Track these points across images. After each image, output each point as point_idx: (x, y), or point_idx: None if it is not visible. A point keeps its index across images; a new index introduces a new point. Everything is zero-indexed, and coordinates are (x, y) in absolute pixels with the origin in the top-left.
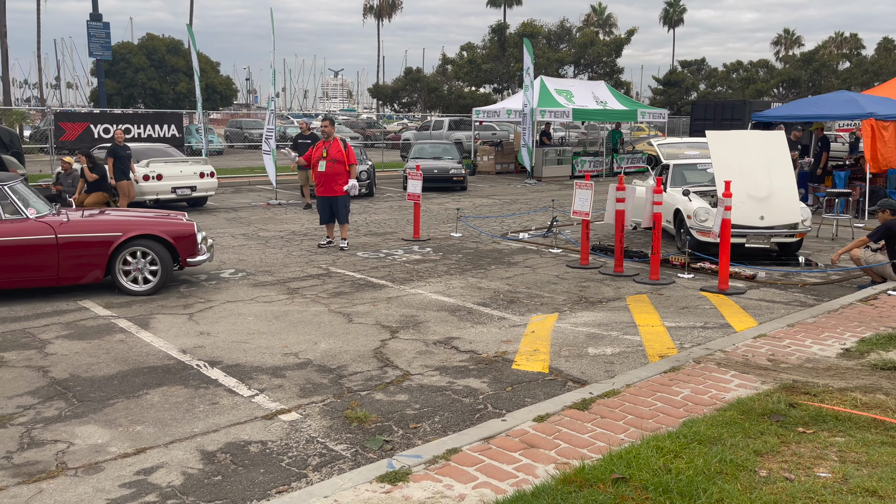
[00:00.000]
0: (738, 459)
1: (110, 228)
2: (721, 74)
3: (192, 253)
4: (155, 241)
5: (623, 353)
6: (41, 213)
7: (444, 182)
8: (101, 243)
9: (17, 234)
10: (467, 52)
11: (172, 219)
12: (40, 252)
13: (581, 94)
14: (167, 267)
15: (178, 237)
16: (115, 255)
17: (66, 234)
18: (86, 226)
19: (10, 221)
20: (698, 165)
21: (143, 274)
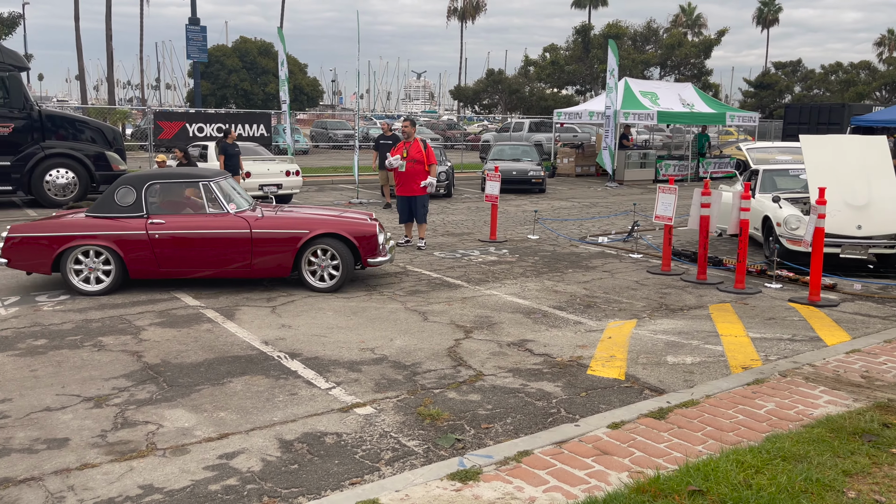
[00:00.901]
0: (824, 479)
1: (298, 225)
2: (818, 76)
3: (374, 253)
4: (338, 240)
5: (704, 362)
6: (241, 208)
7: (522, 184)
8: (290, 240)
9: (218, 228)
10: (550, 54)
11: (357, 218)
12: (237, 245)
13: (667, 97)
14: (348, 266)
15: (361, 237)
16: (301, 252)
17: (260, 230)
18: (277, 222)
19: (213, 215)
20: (790, 171)
21: (327, 271)
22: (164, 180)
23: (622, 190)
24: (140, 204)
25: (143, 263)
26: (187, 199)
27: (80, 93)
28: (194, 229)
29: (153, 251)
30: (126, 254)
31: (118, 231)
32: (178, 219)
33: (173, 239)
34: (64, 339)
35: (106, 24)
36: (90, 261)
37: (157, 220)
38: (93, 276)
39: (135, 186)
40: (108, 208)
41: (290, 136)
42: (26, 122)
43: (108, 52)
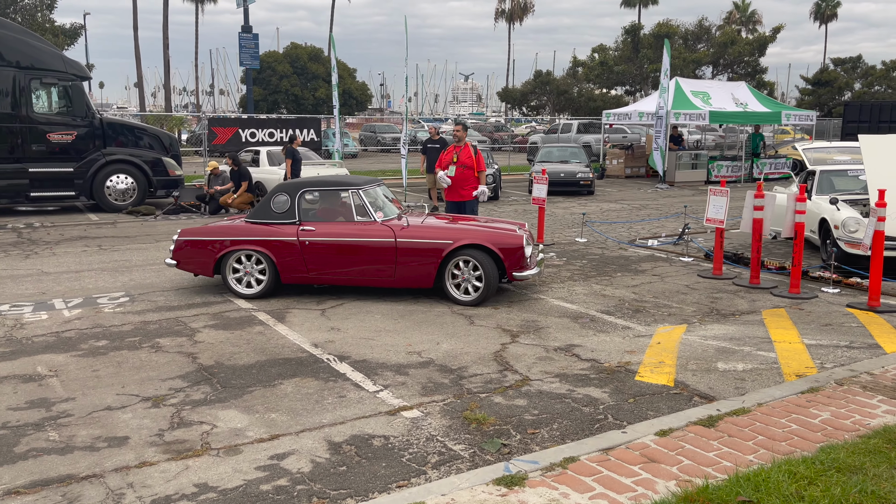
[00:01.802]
0: (881, 491)
1: (442, 236)
2: (880, 73)
3: (520, 266)
4: (482, 252)
5: (756, 369)
6: (388, 216)
7: (570, 186)
8: (433, 250)
9: (364, 236)
10: (599, 54)
11: (504, 229)
12: (381, 254)
13: (719, 96)
14: (491, 279)
15: (506, 249)
16: (444, 263)
17: (404, 239)
18: (421, 232)
19: (360, 223)
20: (849, 172)
21: (471, 283)
22: (316, 188)
23: (673, 192)
24: (293, 211)
25: (293, 268)
26: (339, 206)
27: (139, 100)
28: (341, 237)
29: (303, 257)
30: (278, 259)
31: (272, 237)
32: (327, 226)
33: (321, 245)
34: (124, 341)
35: (163, 32)
36: (247, 265)
37: (307, 226)
38: (250, 279)
39: (289, 193)
40: (265, 215)
41: (339, 140)
42: (88, 130)
43: (164, 60)
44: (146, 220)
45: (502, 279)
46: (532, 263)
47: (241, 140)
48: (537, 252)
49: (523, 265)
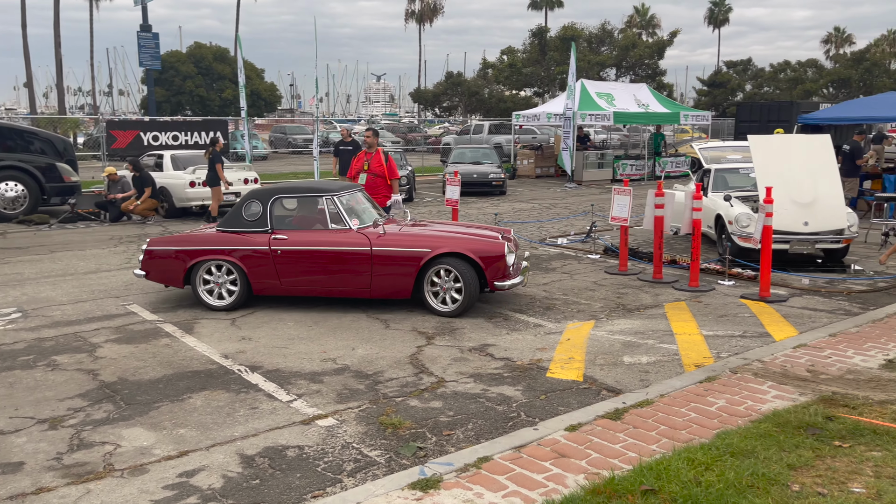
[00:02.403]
0: (770, 473)
1: (420, 244)
2: (768, 75)
3: (502, 276)
4: (461, 260)
5: (659, 361)
6: (364, 224)
7: (483, 187)
8: (411, 258)
9: (338, 244)
10: (507, 56)
11: (485, 236)
12: (356, 263)
13: (622, 97)
14: (471, 289)
15: (486, 257)
16: (423, 273)
17: (380, 247)
18: (398, 240)
19: (334, 231)
20: (741, 170)
21: (450, 294)
22: (290, 194)
23: (581, 190)
24: (265, 219)
25: (265, 279)
26: (313, 214)
27: (29, 101)
28: (314, 245)
29: (275, 267)
30: (249, 269)
31: (242, 246)
32: (300, 234)
33: (294, 254)
34: (16, 360)
35: (54, 30)
36: (217, 275)
37: (280, 235)
38: (220, 290)
39: (261, 201)
40: (236, 223)
41: (248, 143)
42: None
43: (56, 59)
44: (40, 230)
45: (484, 289)
46: (515, 273)
47: (142, 144)
48: (520, 260)
49: (505, 274)
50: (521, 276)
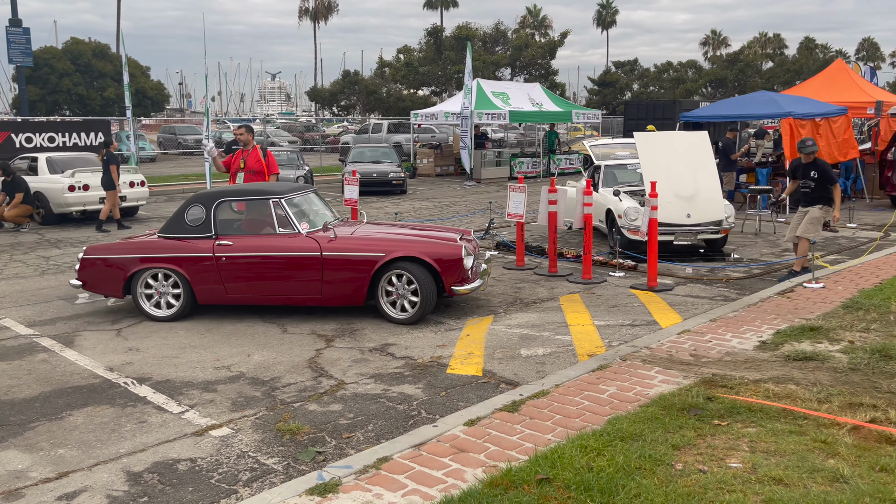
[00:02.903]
0: (656, 454)
1: (374, 247)
2: (653, 75)
3: (459, 280)
4: (417, 264)
5: (554, 353)
6: (314, 227)
7: (383, 186)
8: (363, 263)
9: (286, 249)
10: (404, 55)
11: (442, 238)
12: (306, 269)
13: (517, 97)
14: (427, 294)
15: (442, 260)
16: (377, 278)
17: (331, 252)
18: (350, 244)
19: (282, 235)
20: (628, 166)
21: (406, 299)
22: (235, 197)
23: (480, 188)
24: (209, 224)
25: (210, 287)
26: (260, 217)
27: None
28: (260, 251)
29: (220, 275)
30: (192, 277)
31: (185, 253)
32: (246, 240)
33: (239, 261)
34: None
35: None
36: (159, 284)
37: (224, 241)
38: (163, 300)
39: (204, 205)
40: (178, 229)
41: (134, 144)
42: None
43: None
44: None
45: (442, 293)
46: (473, 276)
47: (14, 146)
48: (480, 263)
49: (463, 278)
50: (481, 279)
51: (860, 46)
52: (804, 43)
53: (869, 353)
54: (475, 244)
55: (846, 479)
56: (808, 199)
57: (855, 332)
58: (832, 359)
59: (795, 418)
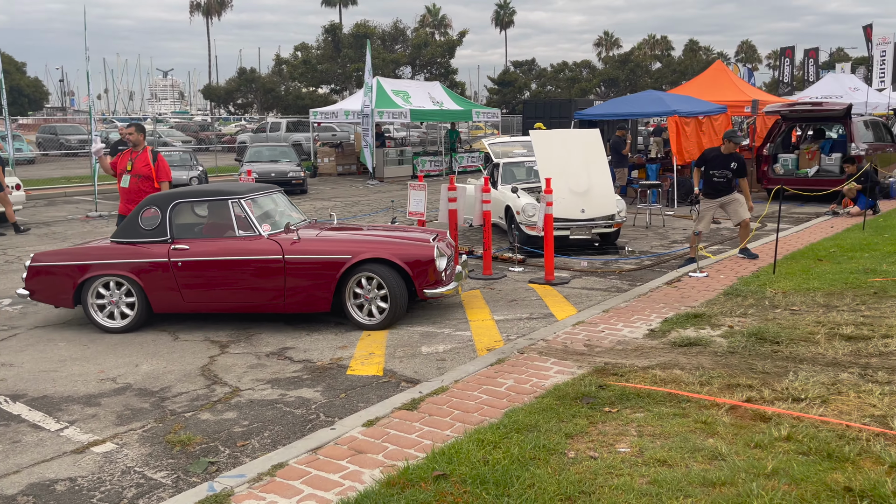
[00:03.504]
0: (550, 444)
1: (340, 249)
2: (550, 74)
3: (432, 282)
4: (386, 266)
5: (454, 349)
6: (276, 229)
7: (283, 186)
8: (328, 266)
9: (246, 253)
10: (302, 53)
11: (413, 239)
12: (267, 273)
13: (418, 95)
14: (398, 298)
15: (413, 262)
16: (343, 281)
17: (293, 255)
18: (315, 245)
19: (242, 238)
20: (525, 163)
21: (375, 304)
22: (191, 199)
23: (383, 187)
24: (164, 227)
25: (166, 295)
26: (218, 219)
27: None
28: (219, 255)
29: (176, 281)
30: (147, 284)
31: (139, 259)
32: (203, 243)
33: (196, 266)
34: None
35: None
36: (112, 293)
37: (181, 245)
38: (116, 310)
39: (159, 207)
40: (132, 233)
41: (10, 145)
42: None
43: None
44: None
45: (414, 297)
46: (448, 279)
47: None
48: (454, 265)
49: (437, 280)
50: (456, 282)
51: (739, 48)
52: (689, 45)
53: (746, 336)
54: (450, 244)
55: (724, 457)
56: (721, 188)
57: (734, 317)
58: (713, 343)
59: (679, 402)
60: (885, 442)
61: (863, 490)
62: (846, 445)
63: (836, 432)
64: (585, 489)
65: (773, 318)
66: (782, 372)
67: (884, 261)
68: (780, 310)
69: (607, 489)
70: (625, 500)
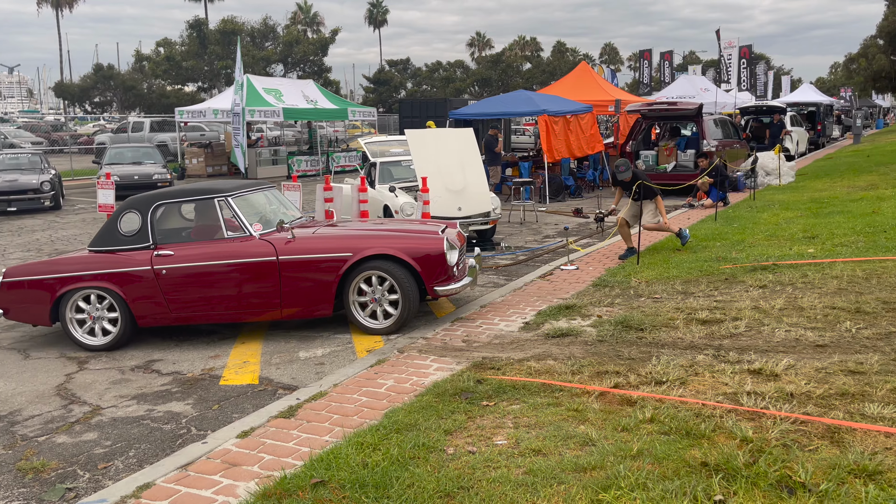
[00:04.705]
0: (429, 442)
1: (339, 247)
2: (425, 74)
3: (443, 278)
4: (393, 263)
5: (333, 352)
6: (269, 228)
7: (148, 189)
8: (329, 266)
9: (236, 256)
10: (165, 49)
11: (420, 232)
12: (260, 277)
13: (291, 93)
14: (409, 297)
15: (421, 258)
16: (345, 282)
17: (289, 256)
18: (311, 244)
19: (231, 240)
20: (402, 162)
21: (383, 305)
22: (174, 199)
23: None
24: (146, 232)
25: (151, 307)
26: (204, 221)
27: None
28: (206, 260)
29: (161, 291)
30: (129, 296)
31: (119, 268)
32: (189, 248)
33: (182, 273)
34: None
35: None
36: (92, 307)
37: (164, 251)
38: (97, 326)
39: (139, 210)
40: (111, 240)
41: None
42: None
43: None
44: None
45: (425, 296)
46: (460, 273)
47: None
48: (470, 258)
49: (448, 276)
50: (469, 277)
51: (603, 51)
52: (557, 46)
53: (613, 325)
54: (461, 236)
55: (594, 442)
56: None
57: (602, 307)
58: (584, 333)
59: (553, 391)
60: (735, 417)
61: (717, 464)
62: (702, 423)
63: (694, 411)
64: (464, 484)
65: (637, 307)
66: (646, 357)
67: (733, 249)
68: (643, 298)
69: (485, 482)
70: (501, 491)
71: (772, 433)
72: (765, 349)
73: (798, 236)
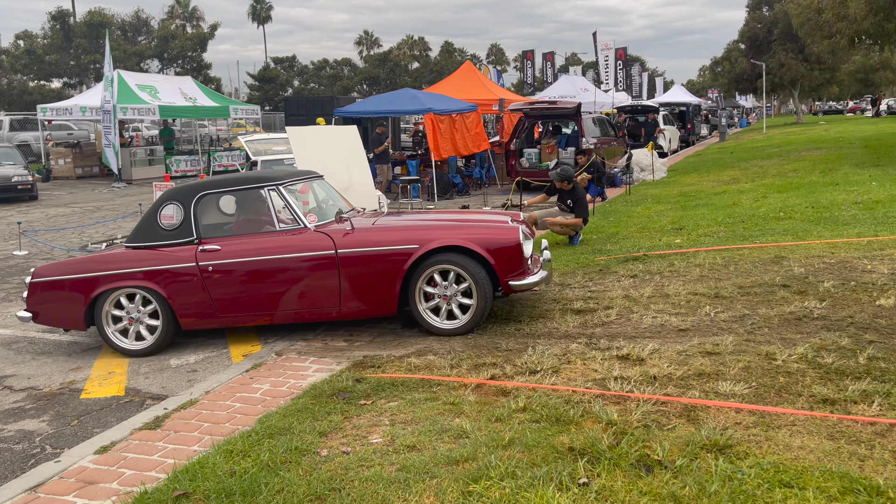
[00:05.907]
0: (303, 445)
1: (404, 239)
2: (311, 71)
3: (518, 272)
4: (464, 256)
5: (208, 358)
6: (325, 219)
7: (6, 192)
8: (393, 260)
9: (290, 250)
10: (25, 42)
11: (490, 222)
12: (317, 273)
13: (167, 90)
14: (484, 293)
15: (495, 249)
16: (410, 277)
17: (349, 249)
18: (373, 236)
19: (284, 233)
20: (285, 160)
21: (455, 302)
22: (219, 189)
23: (131, 190)
24: (189, 225)
25: (196, 308)
26: (253, 212)
27: None
28: (257, 255)
29: (206, 290)
30: (172, 296)
31: (160, 265)
32: (237, 242)
33: (231, 270)
34: None
35: None
36: (131, 308)
37: (210, 245)
38: (138, 328)
39: (181, 202)
40: (150, 234)
41: None
42: None
43: None
44: None
45: (497, 291)
46: (535, 266)
47: None
48: (543, 251)
49: (523, 270)
50: (545, 270)
51: (490, 51)
52: (444, 46)
53: (493, 317)
54: (531, 227)
55: (468, 434)
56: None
57: None
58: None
59: (431, 386)
60: (603, 402)
61: (583, 448)
62: (571, 409)
63: (564, 398)
64: (336, 486)
65: (516, 300)
66: (522, 348)
67: (608, 241)
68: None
69: (357, 482)
70: (374, 490)
71: (634, 415)
72: (633, 335)
73: (667, 228)
